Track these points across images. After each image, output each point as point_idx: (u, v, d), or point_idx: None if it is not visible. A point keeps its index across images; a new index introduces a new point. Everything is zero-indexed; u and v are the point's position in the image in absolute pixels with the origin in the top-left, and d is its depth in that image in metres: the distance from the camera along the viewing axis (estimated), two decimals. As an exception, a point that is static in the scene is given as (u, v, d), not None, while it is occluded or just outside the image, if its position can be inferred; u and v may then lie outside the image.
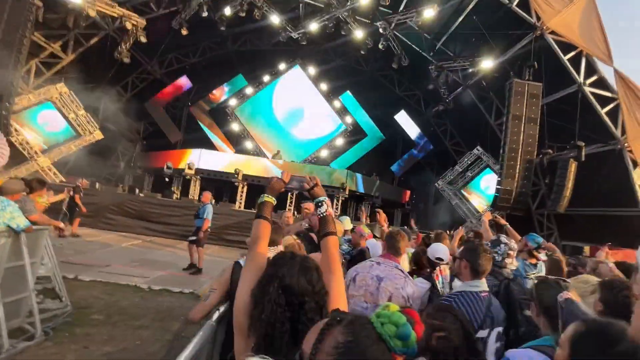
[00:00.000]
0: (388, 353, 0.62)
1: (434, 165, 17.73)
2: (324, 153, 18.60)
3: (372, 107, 18.88)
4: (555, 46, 10.18)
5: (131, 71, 16.30)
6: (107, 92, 16.32)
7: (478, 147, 15.32)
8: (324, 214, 1.40)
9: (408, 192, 17.84)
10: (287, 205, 13.19)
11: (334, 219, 1.45)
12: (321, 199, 1.44)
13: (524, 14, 10.27)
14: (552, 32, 10.17)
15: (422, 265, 2.81)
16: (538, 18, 10.18)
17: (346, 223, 4.26)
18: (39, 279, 3.90)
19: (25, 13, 9.87)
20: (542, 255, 2.92)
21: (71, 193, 8.51)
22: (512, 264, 2.72)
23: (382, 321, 0.64)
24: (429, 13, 11.43)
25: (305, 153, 18.50)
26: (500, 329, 1.77)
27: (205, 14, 13.31)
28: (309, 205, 4.20)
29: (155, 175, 15.83)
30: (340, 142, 18.80)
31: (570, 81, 10.34)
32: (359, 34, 13.77)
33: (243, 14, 13.19)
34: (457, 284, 2.23)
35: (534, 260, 2.88)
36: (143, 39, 13.48)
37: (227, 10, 13.26)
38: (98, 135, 14.70)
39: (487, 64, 12.36)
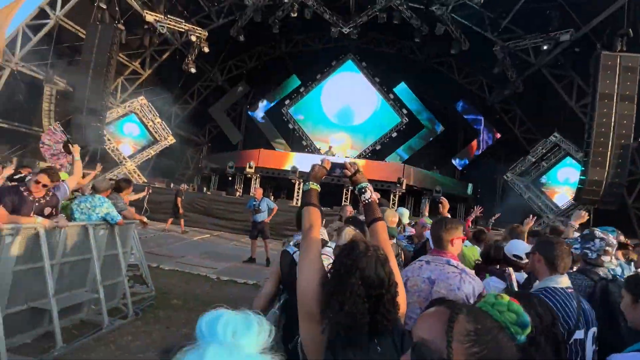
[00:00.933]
0: (511, 341, 0.62)
1: (501, 155, 16.17)
2: (379, 147, 18.21)
3: (429, 97, 17.91)
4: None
5: (196, 80, 17.76)
6: (177, 100, 18.09)
7: (555, 134, 13.59)
8: (368, 200, 1.38)
9: (471, 186, 16.59)
10: (343, 200, 13.19)
11: (377, 205, 1.42)
12: (363, 184, 1.42)
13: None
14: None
15: (492, 262, 2.57)
16: (632, -23, 8.62)
17: (404, 216, 4.10)
18: (129, 266, 4.48)
19: (112, 37, 11.34)
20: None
21: (175, 195, 9.88)
22: (611, 262, 2.33)
23: (499, 309, 0.64)
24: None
25: (360, 148, 18.31)
26: (595, 329, 1.54)
27: (259, 19, 13.92)
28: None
29: (220, 175, 17.07)
30: (396, 135, 18.21)
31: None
32: (412, 21, 13.16)
33: (295, 14, 13.48)
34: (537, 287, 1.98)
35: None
36: (206, 49, 14.61)
37: (280, 13, 13.69)
38: (171, 140, 16.37)
39: (565, 38, 10.86)
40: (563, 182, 13.99)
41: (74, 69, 12.41)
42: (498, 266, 2.49)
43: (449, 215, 3.32)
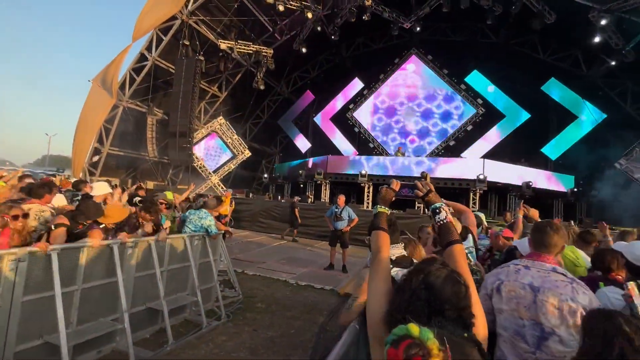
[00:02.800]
0: None
1: (608, 139, 13.58)
2: (454, 142, 16.98)
3: (510, 83, 16.07)
4: None
5: (266, 95, 19.08)
6: (250, 116, 19.70)
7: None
8: (444, 221, 1.30)
9: (572, 178, 14.26)
10: (416, 205, 12.62)
11: (454, 226, 1.31)
12: (437, 205, 1.34)
13: None
14: None
15: (608, 270, 2.16)
16: None
17: (482, 219, 3.73)
18: (219, 272, 5.00)
19: (195, 68, 12.93)
20: None
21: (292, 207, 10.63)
22: None
23: None
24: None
25: (432, 145, 17.36)
26: None
27: (319, 30, 14.34)
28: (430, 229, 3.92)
29: (292, 182, 17.94)
30: (471, 128, 16.78)
31: None
32: (483, 2, 12.03)
33: (353, 19, 13.53)
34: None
35: None
36: (272, 66, 15.61)
37: (339, 20, 13.90)
38: (247, 153, 17.84)
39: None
40: None
41: (168, 100, 14.50)
42: (615, 275, 2.09)
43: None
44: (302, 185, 16.90)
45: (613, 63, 12.31)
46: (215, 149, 17.87)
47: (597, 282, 2.09)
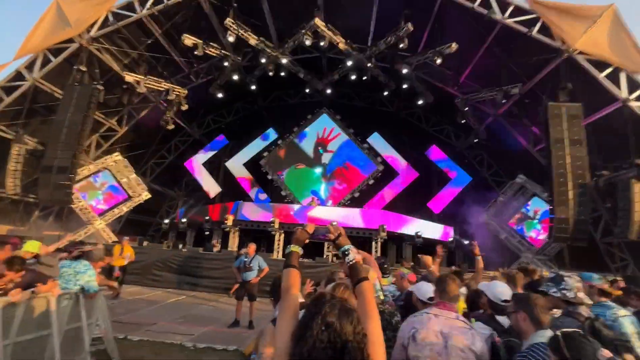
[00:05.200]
0: None
1: (473, 198, 16.85)
2: (358, 194, 18.51)
3: (402, 146, 18.91)
4: (588, 65, 9.86)
5: (174, 135, 17.92)
6: (154, 155, 17.99)
7: (520, 176, 14.49)
8: (352, 262, 1.45)
9: (451, 229, 16.89)
10: (325, 252, 12.93)
11: (361, 265, 1.47)
12: (346, 247, 1.51)
13: (547, 40, 10.20)
14: (581, 52, 9.93)
15: (477, 308, 2.53)
16: (563, 41, 10.06)
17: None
18: (92, 340, 4.01)
19: (90, 97, 11.46)
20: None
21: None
22: (587, 299, 2.39)
23: None
24: (448, 51, 11.72)
25: (339, 196, 18.52)
26: None
27: (237, 78, 14.68)
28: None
29: (197, 230, 16.46)
30: (373, 183, 18.71)
31: (611, 98, 9.80)
32: (380, 78, 14.37)
33: (271, 73, 14.37)
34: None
35: (602, 299, 2.49)
36: (184, 107, 15.00)
37: (257, 72, 14.57)
38: (146, 195, 15.90)
39: (514, 91, 12.17)
40: (535, 222, 14.56)
41: (46, 128, 12.24)
42: (482, 311, 2.45)
43: (435, 266, 3.31)
44: (207, 233, 15.62)
45: (472, 139, 15.81)
46: (107, 188, 15.44)
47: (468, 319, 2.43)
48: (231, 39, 12.34)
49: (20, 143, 11.72)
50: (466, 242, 15.11)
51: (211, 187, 19.82)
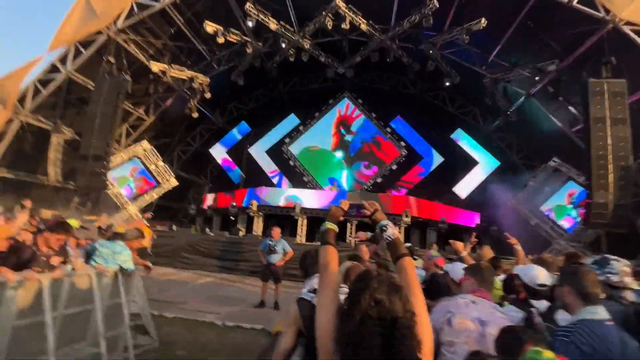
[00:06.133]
0: None
1: (501, 183, 16.19)
2: (381, 179, 18.30)
3: (426, 129, 18.34)
4: (636, 37, 9.01)
5: (198, 123, 18.31)
6: (180, 144, 18.55)
7: (554, 159, 13.70)
8: (392, 237, 1.39)
9: (478, 215, 16.39)
10: (348, 234, 12.99)
11: (401, 241, 1.41)
12: (384, 222, 1.44)
13: (589, 9, 9.37)
14: (628, 23, 9.07)
15: (513, 291, 2.45)
16: (607, 11, 9.21)
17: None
18: (131, 316, 4.29)
19: (119, 88, 11.88)
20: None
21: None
22: (634, 284, 2.26)
23: None
24: (477, 27, 11.07)
25: (361, 181, 18.40)
26: None
27: (258, 65, 14.67)
28: (360, 234, 4.11)
29: (223, 215, 16.97)
30: (396, 167, 18.39)
31: (661, 73, 8.95)
32: (403, 59, 13.87)
33: (292, 59, 14.23)
34: (562, 317, 1.87)
35: None
36: (207, 95, 15.23)
37: (277, 58, 14.48)
38: (173, 182, 16.50)
39: (551, 68, 11.37)
40: (569, 206, 13.82)
41: (81, 119, 12.85)
42: (517, 295, 2.38)
43: (466, 252, 3.22)
44: (232, 218, 16.08)
45: (500, 121, 15.04)
46: (138, 175, 16.15)
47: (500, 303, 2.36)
48: (251, 24, 12.27)
49: (58, 133, 12.41)
50: (494, 228, 14.62)
51: (235, 174, 20.25)
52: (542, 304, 2.08)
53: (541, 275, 2.15)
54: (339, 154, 18.85)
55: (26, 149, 12.25)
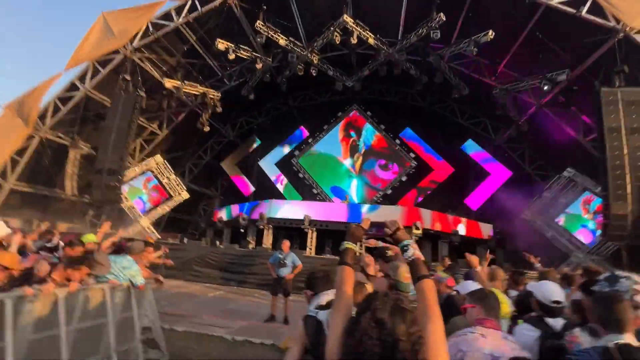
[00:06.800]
0: None
1: (514, 194, 15.86)
2: (391, 191, 18.18)
3: (436, 141, 18.25)
4: (648, 45, 8.90)
5: (210, 137, 18.67)
6: (192, 157, 18.90)
7: (569, 169, 13.41)
8: (412, 258, 1.36)
9: (490, 227, 16.05)
10: (359, 246, 12.86)
11: (422, 262, 1.37)
12: (406, 242, 1.41)
13: (599, 19, 9.33)
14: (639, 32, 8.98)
15: (528, 309, 2.38)
16: (617, 20, 9.15)
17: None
18: (142, 329, 4.31)
19: (134, 104, 12.28)
20: None
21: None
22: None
23: None
24: (485, 39, 11.11)
25: (371, 193, 18.31)
26: None
27: (268, 79, 14.99)
28: (371, 241, 4.06)
29: (233, 227, 17.06)
30: (406, 179, 18.27)
31: (677, 81, 8.78)
32: (411, 72, 13.97)
33: (301, 73, 14.49)
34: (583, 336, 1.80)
35: None
36: (219, 109, 15.58)
37: (287, 73, 14.77)
38: (185, 195, 16.75)
39: (562, 78, 11.28)
40: (586, 217, 13.42)
41: (97, 134, 13.29)
42: (533, 314, 2.30)
43: (481, 267, 3.14)
44: (242, 231, 16.14)
45: (512, 132, 14.85)
46: (150, 188, 16.46)
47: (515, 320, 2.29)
48: (261, 40, 12.61)
49: (76, 148, 12.83)
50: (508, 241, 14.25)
51: (246, 186, 20.41)
52: (558, 322, 2.01)
53: (556, 292, 2.09)
54: (347, 162, 18.86)
55: (45, 163, 12.66)
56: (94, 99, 12.94)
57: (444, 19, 11.10)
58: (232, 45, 12.94)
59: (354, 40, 12.28)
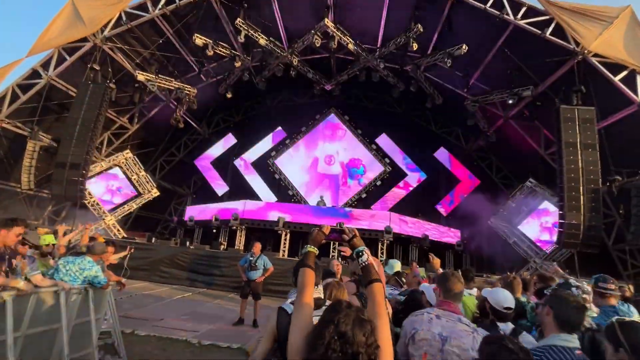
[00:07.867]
0: None
1: (482, 201, 16.63)
2: (365, 195, 18.45)
3: (410, 147, 18.78)
4: (603, 68, 9.66)
5: (184, 133, 18.12)
6: (163, 153, 18.24)
7: (530, 179, 14.25)
8: (366, 263, 1.48)
9: (458, 232, 16.69)
10: (331, 251, 12.94)
11: (374, 267, 1.49)
12: (360, 248, 1.54)
13: (561, 41, 10.02)
14: (596, 55, 9.73)
15: (485, 315, 2.50)
16: (577, 43, 9.87)
17: (396, 266, 4.06)
18: (100, 334, 4.10)
19: (103, 95, 11.68)
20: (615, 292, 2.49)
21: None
22: (592, 309, 2.39)
23: None
24: (459, 52, 11.59)
25: (346, 197, 18.49)
26: None
27: (246, 78, 14.79)
28: (345, 248, 4.17)
29: (204, 228, 16.63)
30: (380, 184, 18.63)
31: (626, 102, 9.58)
32: (389, 79, 14.30)
33: (280, 74, 14.43)
34: (525, 340, 1.92)
35: (612, 301, 2.45)
36: (194, 106, 15.17)
37: (266, 73, 14.66)
38: (155, 192, 16.12)
39: (526, 93, 11.98)
40: (545, 225, 14.30)
41: (60, 125, 12.51)
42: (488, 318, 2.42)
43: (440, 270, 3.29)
44: (214, 231, 15.78)
45: (481, 142, 15.59)
46: (118, 184, 15.70)
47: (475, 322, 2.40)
48: (241, 39, 12.43)
49: (35, 140, 12.01)
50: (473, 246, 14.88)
51: (219, 185, 19.99)
52: (508, 327, 2.14)
53: (507, 299, 2.22)
54: (324, 170, 18.96)
55: (0, 154, 11.77)
56: (57, 87, 12.19)
57: (422, 30, 11.47)
58: (211, 42, 12.66)
59: (334, 45, 12.40)
